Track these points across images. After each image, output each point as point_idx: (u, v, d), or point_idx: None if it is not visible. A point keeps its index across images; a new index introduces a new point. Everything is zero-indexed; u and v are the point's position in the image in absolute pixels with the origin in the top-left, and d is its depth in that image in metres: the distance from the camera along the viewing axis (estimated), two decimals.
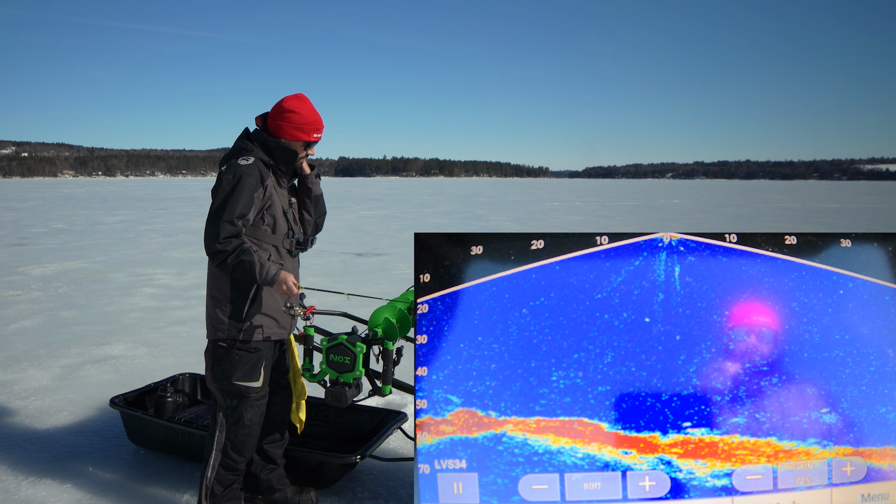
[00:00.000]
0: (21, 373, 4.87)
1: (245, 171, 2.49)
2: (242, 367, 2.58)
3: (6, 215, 22.80)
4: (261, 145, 2.59)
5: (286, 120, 2.59)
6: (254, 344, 2.58)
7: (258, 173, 2.51)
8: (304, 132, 2.61)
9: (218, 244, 2.43)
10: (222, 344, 2.59)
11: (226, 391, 2.61)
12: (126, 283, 8.88)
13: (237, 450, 2.65)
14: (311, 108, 2.64)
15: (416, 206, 30.41)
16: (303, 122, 2.60)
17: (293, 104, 2.60)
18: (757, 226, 20.59)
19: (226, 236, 2.43)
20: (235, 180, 2.47)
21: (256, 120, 2.68)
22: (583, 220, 22.11)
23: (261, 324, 2.58)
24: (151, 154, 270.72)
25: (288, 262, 2.66)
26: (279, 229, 2.60)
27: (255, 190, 2.49)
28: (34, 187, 66.86)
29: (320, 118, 2.66)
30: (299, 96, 2.65)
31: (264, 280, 2.44)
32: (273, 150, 2.59)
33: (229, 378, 2.59)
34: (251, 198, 2.48)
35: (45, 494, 3.02)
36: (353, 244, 13.75)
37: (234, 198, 2.45)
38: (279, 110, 2.61)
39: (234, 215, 2.44)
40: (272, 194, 2.56)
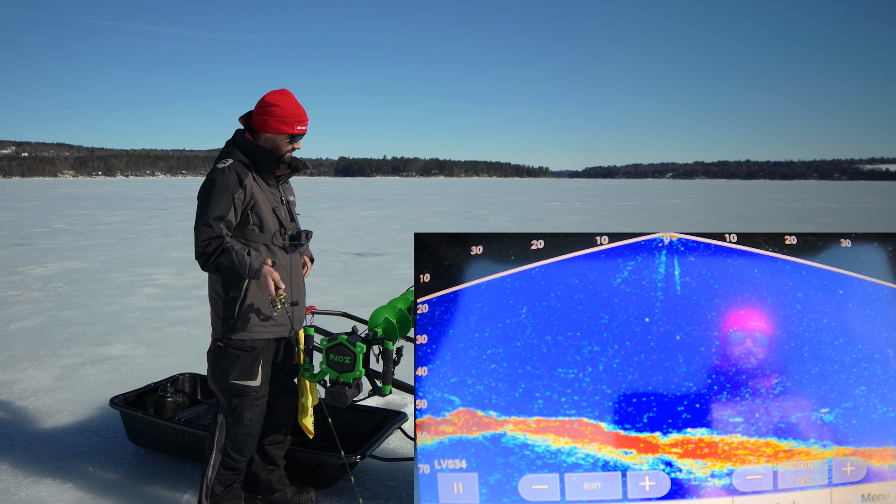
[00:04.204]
0: (21, 373, 4.86)
1: (220, 174, 2.52)
2: (239, 365, 2.60)
3: (6, 215, 22.80)
4: (240, 147, 2.62)
5: (269, 114, 2.60)
6: (249, 343, 2.60)
7: (235, 175, 2.54)
8: (288, 125, 2.61)
9: (199, 247, 2.48)
10: (219, 343, 2.63)
11: (224, 390, 2.64)
12: (126, 283, 8.88)
13: (237, 449, 2.66)
14: (293, 101, 2.63)
15: (416, 206, 30.40)
16: (285, 115, 2.59)
17: (275, 98, 2.61)
18: (757, 226, 20.58)
19: (205, 239, 2.47)
20: (211, 185, 2.51)
21: (240, 120, 2.70)
22: (583, 220, 22.11)
23: (255, 322, 2.59)
24: (151, 154, 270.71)
25: (282, 259, 2.66)
26: (267, 227, 2.61)
27: (232, 191, 2.51)
28: (34, 187, 66.87)
29: (304, 110, 2.65)
30: (282, 91, 2.65)
31: (249, 276, 2.47)
32: (251, 150, 2.60)
33: (227, 377, 2.61)
34: (228, 200, 2.51)
35: (45, 494, 3.01)
36: (353, 244, 13.75)
37: (211, 201, 2.49)
38: (262, 105, 2.62)
39: (210, 217, 2.48)
40: (254, 193, 2.58)
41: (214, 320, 2.65)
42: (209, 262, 2.48)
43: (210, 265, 2.49)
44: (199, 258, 2.49)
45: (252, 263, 2.46)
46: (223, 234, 2.50)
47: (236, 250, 2.47)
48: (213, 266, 2.48)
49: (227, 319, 2.59)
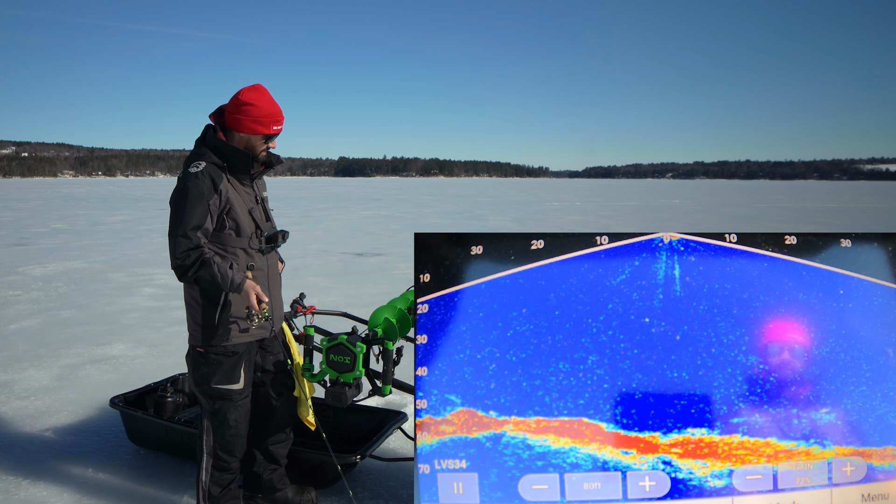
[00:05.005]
0: (21, 373, 4.86)
1: (193, 181, 2.40)
2: (221, 370, 2.55)
3: (6, 215, 22.80)
4: (212, 148, 2.50)
5: (243, 113, 2.47)
6: (230, 347, 2.55)
7: (209, 180, 2.42)
8: (263, 125, 2.49)
9: (176, 259, 2.38)
10: (199, 349, 2.56)
11: (207, 395, 2.59)
12: (126, 283, 8.88)
13: (227, 451, 2.65)
14: (269, 100, 2.51)
15: (416, 206, 30.40)
16: (261, 115, 2.48)
17: (250, 96, 2.48)
18: (757, 226, 20.58)
19: (183, 250, 2.38)
20: (185, 192, 2.40)
21: (210, 117, 2.57)
22: (583, 220, 22.11)
23: (235, 328, 2.54)
24: (151, 154, 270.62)
25: (260, 262, 2.59)
26: (244, 231, 2.53)
27: (207, 198, 2.41)
28: (34, 187, 66.85)
29: (279, 109, 2.53)
30: (256, 87, 2.52)
31: (230, 290, 2.40)
32: (225, 151, 2.49)
33: (208, 382, 2.56)
34: (204, 207, 2.40)
35: (45, 494, 3.02)
36: (353, 244, 13.75)
37: (187, 211, 2.38)
38: (236, 103, 2.49)
39: (187, 228, 2.38)
40: (229, 197, 2.48)
41: (192, 326, 2.56)
42: (188, 275, 2.39)
43: (189, 278, 2.40)
44: (177, 269, 2.39)
45: (234, 278, 2.38)
46: (201, 244, 2.41)
47: (217, 263, 2.38)
48: (192, 279, 2.39)
49: (207, 327, 2.53)
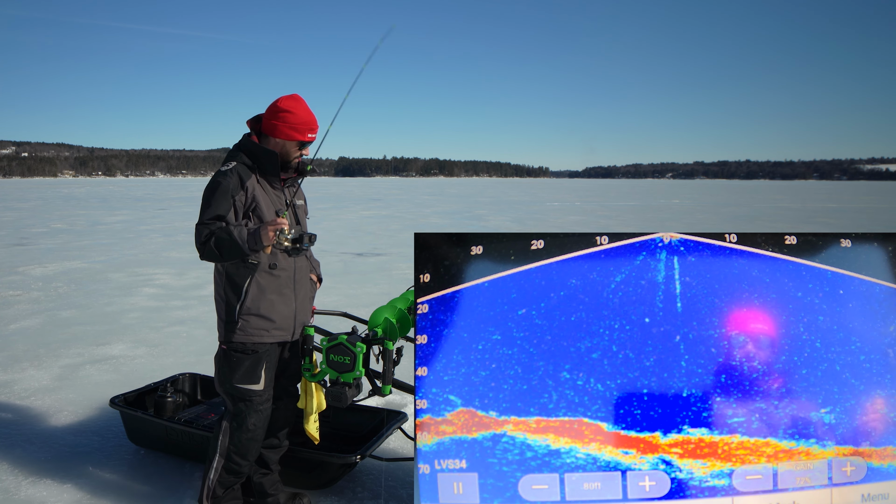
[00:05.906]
0: (21, 373, 4.86)
1: (222, 177, 2.56)
2: (241, 368, 2.62)
3: (6, 215, 22.80)
4: (244, 150, 2.66)
5: (281, 120, 2.63)
6: (250, 346, 2.62)
7: (237, 177, 2.57)
8: (299, 132, 2.65)
9: (199, 245, 2.52)
10: (223, 346, 2.67)
11: (229, 394, 2.67)
12: (126, 283, 8.88)
13: (241, 454, 2.68)
14: (305, 108, 2.67)
15: (416, 206, 30.40)
16: (297, 122, 2.64)
17: (288, 104, 2.65)
18: (757, 226, 20.58)
19: (203, 235, 2.51)
20: (214, 186, 2.55)
21: (248, 123, 2.73)
22: (583, 220, 22.11)
23: (255, 325, 2.61)
24: (151, 154, 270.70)
25: (284, 262, 2.66)
26: None
27: (233, 192, 2.54)
28: (34, 187, 66.86)
29: (315, 118, 2.69)
30: (294, 97, 2.69)
31: (252, 243, 2.46)
32: (255, 153, 2.64)
33: (230, 380, 2.64)
34: (228, 200, 2.54)
35: (45, 494, 3.02)
36: (353, 244, 13.75)
37: (212, 203, 2.54)
38: (274, 110, 2.65)
39: (208, 217, 2.52)
40: (256, 196, 2.59)
41: (219, 323, 2.69)
42: (207, 247, 2.49)
43: (209, 250, 2.49)
44: (199, 250, 2.52)
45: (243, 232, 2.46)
46: None
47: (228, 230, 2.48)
48: (212, 246, 2.48)
49: (229, 322, 2.62)
